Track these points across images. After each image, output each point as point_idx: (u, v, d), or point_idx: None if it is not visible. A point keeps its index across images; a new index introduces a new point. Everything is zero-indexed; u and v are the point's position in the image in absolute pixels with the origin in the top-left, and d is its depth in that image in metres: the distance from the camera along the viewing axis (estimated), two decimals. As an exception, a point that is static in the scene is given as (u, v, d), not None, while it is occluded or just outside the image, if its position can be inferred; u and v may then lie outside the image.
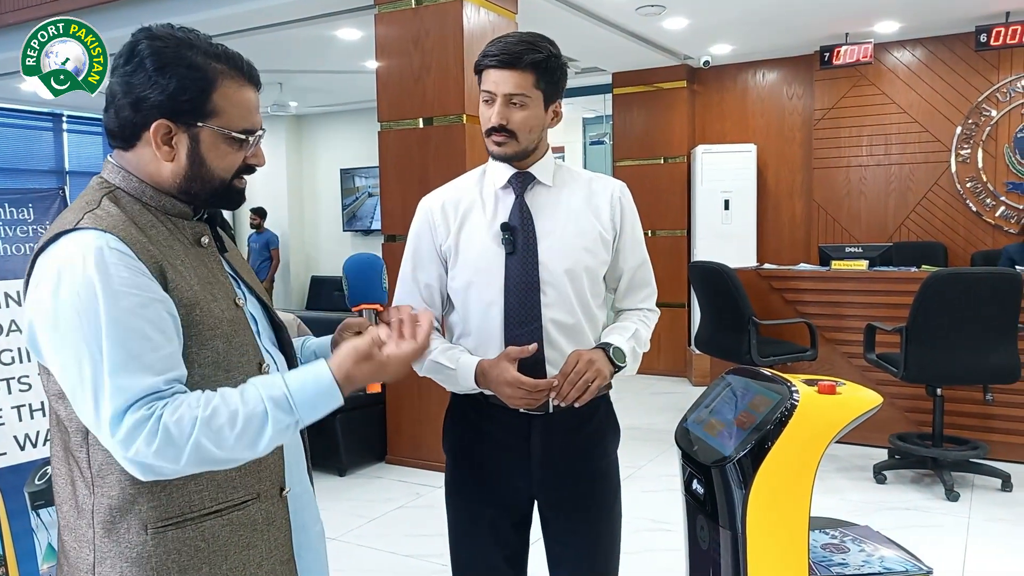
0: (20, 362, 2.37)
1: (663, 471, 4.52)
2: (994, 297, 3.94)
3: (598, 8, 5.55)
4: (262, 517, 1.24)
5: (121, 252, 1.10)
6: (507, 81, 1.65)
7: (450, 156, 4.47)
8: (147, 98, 1.15)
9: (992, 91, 6.29)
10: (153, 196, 1.21)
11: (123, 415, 1.06)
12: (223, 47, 1.22)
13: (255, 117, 1.24)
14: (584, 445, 1.76)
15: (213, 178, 1.22)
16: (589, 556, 1.78)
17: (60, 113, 8.70)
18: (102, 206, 1.16)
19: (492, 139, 1.69)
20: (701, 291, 5.14)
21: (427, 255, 1.76)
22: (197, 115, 1.17)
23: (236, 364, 1.20)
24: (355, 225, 9.83)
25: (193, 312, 1.16)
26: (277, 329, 1.38)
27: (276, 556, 1.26)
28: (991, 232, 6.40)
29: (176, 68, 1.15)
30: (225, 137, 1.20)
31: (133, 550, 1.14)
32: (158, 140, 1.17)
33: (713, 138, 7.41)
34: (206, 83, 1.17)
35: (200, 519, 1.17)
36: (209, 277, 1.22)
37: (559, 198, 1.75)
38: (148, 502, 1.14)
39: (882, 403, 1.59)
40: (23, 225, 2.47)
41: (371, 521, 3.92)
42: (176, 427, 1.07)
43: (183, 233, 1.23)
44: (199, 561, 1.17)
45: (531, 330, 1.67)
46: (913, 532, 3.60)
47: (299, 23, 5.51)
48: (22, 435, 2.34)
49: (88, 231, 1.11)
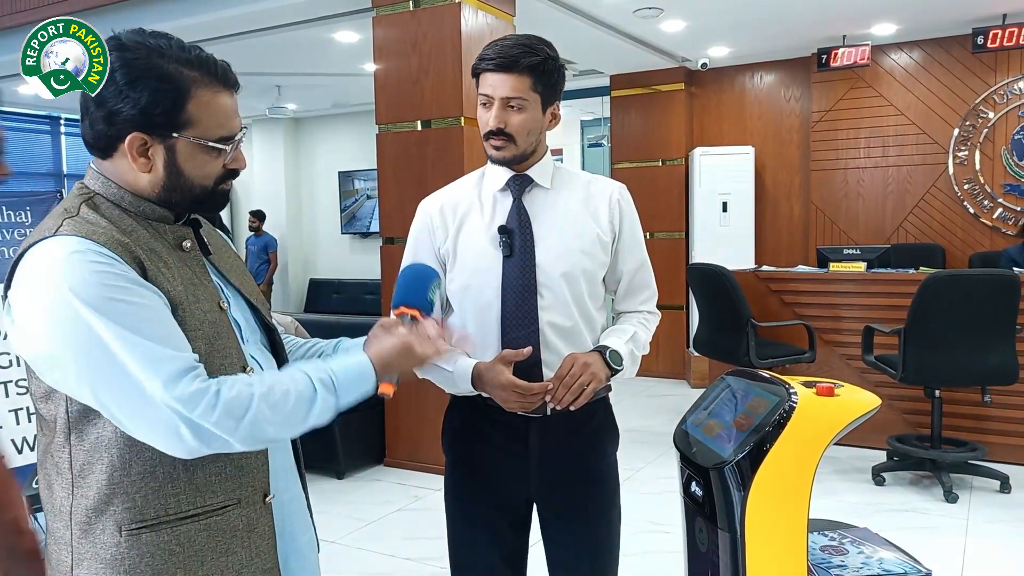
0: (17, 366, 2.36)
1: (662, 473, 4.52)
2: (992, 299, 3.94)
3: (596, 10, 5.55)
4: (243, 523, 1.22)
5: (103, 254, 1.09)
6: (504, 84, 1.64)
7: (448, 158, 4.47)
8: (120, 112, 1.14)
9: (989, 93, 6.30)
10: (132, 202, 1.19)
11: (178, 381, 1.07)
12: (197, 52, 1.19)
13: (233, 122, 1.22)
14: (582, 448, 1.76)
15: (193, 187, 1.20)
16: (588, 558, 1.78)
17: (58, 116, 8.69)
18: (81, 213, 1.15)
19: (490, 143, 1.69)
20: (699, 293, 5.14)
21: (425, 257, 1.75)
22: (172, 127, 1.15)
23: (218, 367, 1.18)
24: (353, 228, 9.82)
25: (176, 312, 1.15)
26: (269, 331, 1.37)
27: (257, 564, 1.24)
28: (989, 234, 6.41)
29: (147, 81, 1.13)
30: (202, 147, 1.18)
31: (107, 551, 1.14)
32: (133, 153, 1.16)
33: (711, 140, 7.42)
34: (179, 94, 1.14)
35: (176, 523, 1.16)
36: (192, 279, 1.21)
37: (557, 200, 1.75)
38: (123, 503, 1.13)
39: (880, 405, 1.59)
40: (20, 228, 2.47)
41: (369, 524, 3.92)
42: (236, 402, 1.10)
43: (164, 237, 1.22)
44: (173, 566, 1.15)
45: (528, 333, 1.67)
46: (912, 534, 3.60)
47: (297, 26, 5.51)
48: (19, 439, 2.34)
49: (68, 237, 1.10)
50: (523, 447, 1.72)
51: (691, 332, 6.70)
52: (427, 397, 4.50)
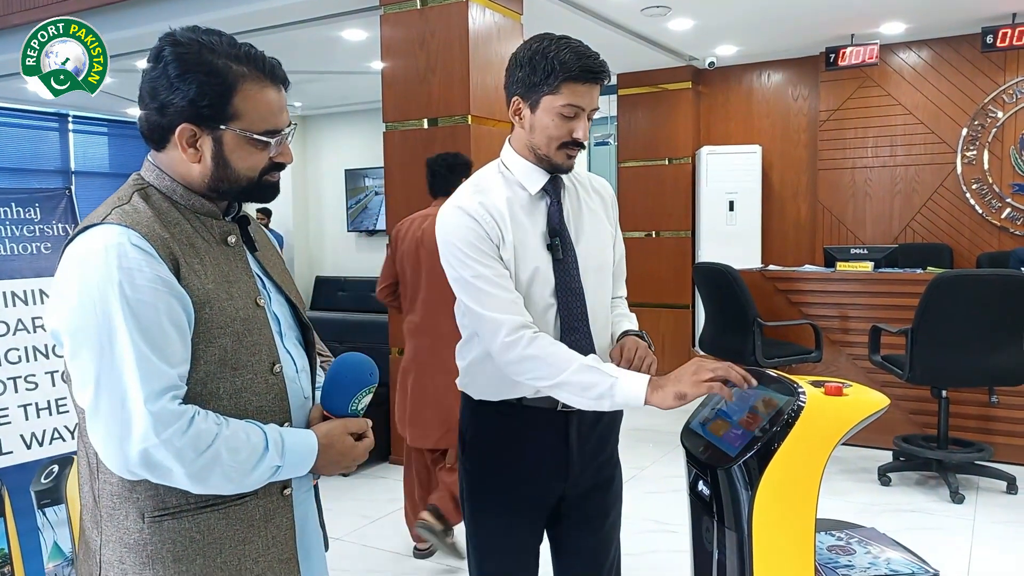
0: (26, 361, 2.37)
1: (668, 472, 4.51)
2: (1000, 299, 3.92)
3: (603, 9, 5.54)
4: (260, 514, 1.26)
5: (140, 248, 1.15)
6: (595, 96, 1.67)
7: (455, 157, 4.46)
8: (171, 103, 1.20)
9: (998, 92, 6.27)
10: (183, 195, 1.25)
11: (159, 397, 1.11)
12: (247, 48, 1.24)
13: (279, 117, 1.26)
14: (604, 433, 1.84)
15: (239, 178, 1.26)
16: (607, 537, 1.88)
17: (66, 113, 8.71)
18: (132, 202, 1.21)
19: (565, 151, 1.69)
20: (705, 292, 5.13)
21: (492, 263, 1.67)
22: (219, 119, 1.21)
23: (245, 363, 1.22)
24: (359, 225, 9.84)
25: (204, 310, 1.19)
26: (305, 329, 1.41)
27: (274, 553, 1.27)
28: (997, 234, 6.38)
29: (196, 74, 1.18)
30: (247, 139, 1.23)
31: (131, 536, 1.18)
32: (183, 143, 1.21)
33: (718, 139, 7.40)
34: (226, 87, 1.20)
35: (196, 511, 1.20)
36: (230, 276, 1.25)
37: (578, 200, 1.81)
38: (145, 491, 1.18)
39: (889, 405, 1.59)
40: (29, 225, 2.47)
41: (375, 521, 3.92)
42: (204, 435, 1.13)
43: (210, 232, 1.27)
44: (193, 552, 1.20)
45: (583, 334, 1.72)
46: (918, 534, 3.59)
47: (304, 24, 5.51)
48: (28, 434, 2.35)
49: (112, 226, 1.16)
50: (564, 441, 1.76)
51: (697, 331, 6.69)
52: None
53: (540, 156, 1.71)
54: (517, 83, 1.68)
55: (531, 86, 1.66)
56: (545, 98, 1.65)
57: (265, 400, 1.25)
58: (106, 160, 9.24)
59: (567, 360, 1.59)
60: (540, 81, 1.64)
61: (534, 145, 1.70)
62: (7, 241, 2.42)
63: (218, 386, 1.20)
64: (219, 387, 1.20)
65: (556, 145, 1.68)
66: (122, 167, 9.35)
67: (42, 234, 2.48)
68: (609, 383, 1.55)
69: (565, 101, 1.63)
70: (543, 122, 1.66)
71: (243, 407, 1.22)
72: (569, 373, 1.57)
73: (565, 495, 1.82)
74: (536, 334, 1.62)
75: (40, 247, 2.48)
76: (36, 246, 2.46)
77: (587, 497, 1.84)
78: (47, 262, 2.47)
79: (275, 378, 1.27)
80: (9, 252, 2.42)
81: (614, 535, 1.91)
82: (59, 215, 2.54)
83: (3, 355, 2.32)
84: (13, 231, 2.44)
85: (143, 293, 1.12)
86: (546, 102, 1.65)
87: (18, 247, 2.44)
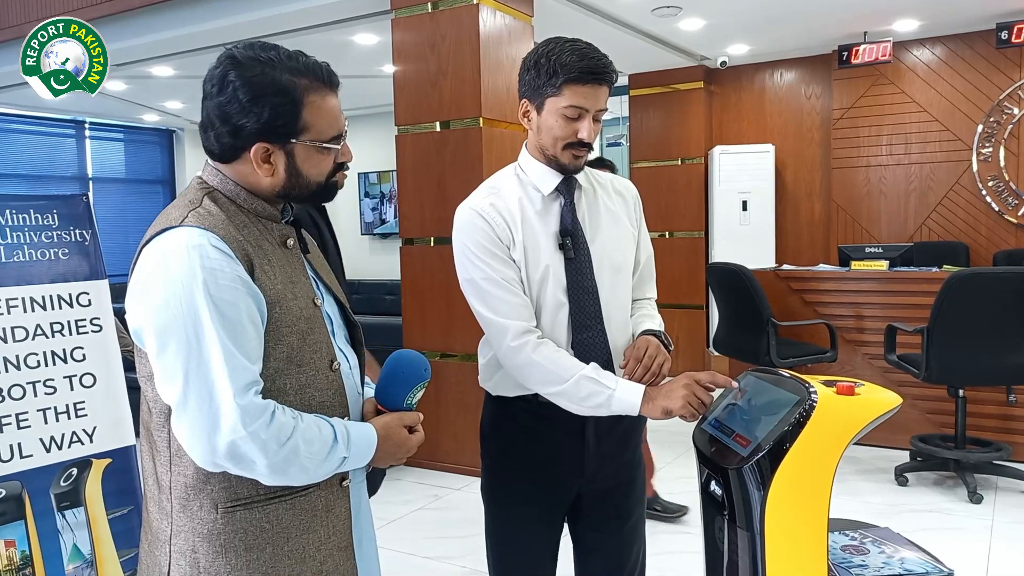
0: (46, 365, 2.40)
1: (681, 473, 4.50)
2: (1017, 297, 3.89)
3: (614, 10, 5.54)
4: (322, 504, 1.31)
5: (220, 250, 1.20)
6: (601, 97, 1.68)
7: (467, 159, 4.48)
8: (245, 126, 1.24)
9: (1014, 88, 6.21)
10: (247, 199, 1.30)
11: (246, 392, 1.16)
12: (304, 59, 1.28)
13: (340, 120, 1.32)
14: (625, 435, 1.85)
15: (310, 184, 1.31)
16: (628, 538, 1.89)
17: (83, 120, 8.81)
18: (204, 205, 1.25)
19: (571, 152, 1.71)
20: (719, 292, 5.12)
21: (502, 265, 1.70)
22: (291, 134, 1.26)
23: (308, 360, 1.28)
24: (373, 229, 9.87)
25: (274, 309, 1.24)
26: (352, 328, 1.46)
27: (334, 542, 1.33)
28: (1014, 231, 6.32)
29: (267, 97, 1.23)
30: (317, 148, 1.29)
31: (204, 526, 1.23)
32: (258, 160, 1.26)
33: (730, 139, 7.38)
34: (295, 104, 1.25)
35: (266, 502, 1.25)
36: (292, 276, 1.30)
37: (595, 200, 1.82)
38: (219, 483, 1.22)
39: (902, 404, 1.58)
40: (47, 231, 2.50)
41: (389, 523, 3.94)
42: (284, 427, 1.18)
43: (271, 234, 1.31)
44: (263, 541, 1.25)
45: (595, 333, 1.73)
46: (935, 535, 3.56)
47: (316, 29, 5.55)
48: (47, 438, 2.38)
49: (192, 228, 1.20)
50: (579, 439, 1.77)
51: (711, 331, 6.67)
52: (447, 398, 4.53)
53: (549, 157, 1.74)
54: (525, 86, 1.73)
55: (536, 88, 1.70)
56: (549, 100, 1.68)
57: (326, 395, 1.31)
58: (123, 166, 9.34)
59: (568, 369, 1.63)
60: (544, 83, 1.67)
61: (542, 146, 1.74)
62: (25, 247, 2.45)
63: (285, 382, 1.25)
64: (286, 383, 1.26)
65: (562, 146, 1.70)
66: (138, 173, 9.44)
67: (60, 240, 2.51)
68: (607, 395, 1.62)
69: (567, 102, 1.66)
70: (548, 123, 1.70)
71: (307, 402, 1.28)
72: (570, 383, 1.63)
73: (583, 493, 1.83)
74: (540, 340, 1.66)
75: (58, 253, 2.51)
76: (54, 252, 2.49)
77: (606, 497, 1.85)
78: (65, 268, 2.49)
79: (334, 374, 1.33)
80: (28, 258, 2.45)
81: (636, 536, 1.90)
82: (77, 221, 2.56)
83: (23, 360, 2.35)
84: (31, 237, 2.47)
85: (226, 292, 1.17)
86: (550, 104, 1.68)
87: (36, 253, 2.47)
